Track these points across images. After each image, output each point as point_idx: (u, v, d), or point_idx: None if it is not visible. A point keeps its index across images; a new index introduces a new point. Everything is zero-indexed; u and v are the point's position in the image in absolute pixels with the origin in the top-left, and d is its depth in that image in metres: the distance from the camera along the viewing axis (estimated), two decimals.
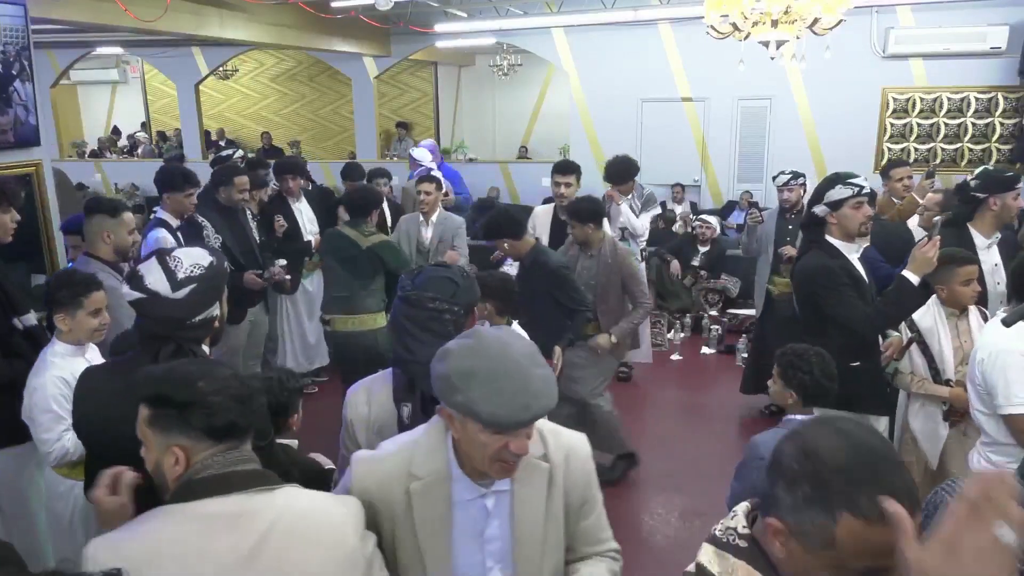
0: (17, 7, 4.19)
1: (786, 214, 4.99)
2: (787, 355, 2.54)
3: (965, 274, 3.02)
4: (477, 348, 1.41)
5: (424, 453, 1.53)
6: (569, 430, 1.67)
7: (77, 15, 6.16)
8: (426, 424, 1.60)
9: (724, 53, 6.94)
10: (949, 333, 3.10)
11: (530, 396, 1.37)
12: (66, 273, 2.72)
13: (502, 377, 1.37)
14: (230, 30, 7.83)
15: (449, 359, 1.41)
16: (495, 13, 9.70)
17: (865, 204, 2.97)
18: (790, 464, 1.07)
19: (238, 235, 4.61)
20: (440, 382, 1.42)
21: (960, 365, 3.06)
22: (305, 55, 13.41)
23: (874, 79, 8.80)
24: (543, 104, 14.37)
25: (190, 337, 1.81)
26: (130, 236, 3.39)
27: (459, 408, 1.39)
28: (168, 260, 1.77)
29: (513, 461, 1.44)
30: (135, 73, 15.34)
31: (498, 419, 1.36)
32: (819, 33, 4.95)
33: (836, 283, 2.94)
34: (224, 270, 1.90)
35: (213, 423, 1.34)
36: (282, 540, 1.32)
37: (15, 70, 4.17)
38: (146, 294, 1.73)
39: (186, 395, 1.34)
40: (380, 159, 11.42)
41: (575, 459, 1.62)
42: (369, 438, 1.94)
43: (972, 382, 2.56)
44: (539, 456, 1.56)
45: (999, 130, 8.63)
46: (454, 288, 1.89)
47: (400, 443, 1.59)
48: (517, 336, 1.50)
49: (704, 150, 9.82)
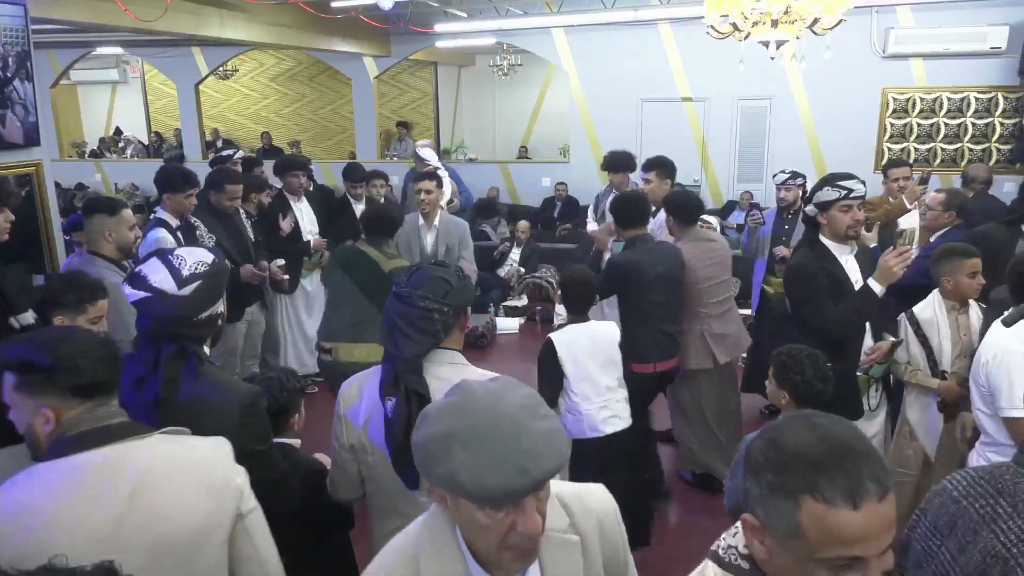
0: (17, 7, 4.19)
1: (784, 213, 5.01)
2: (781, 356, 2.55)
3: (971, 266, 3.05)
4: (461, 406, 1.15)
5: (430, 555, 1.23)
6: (591, 486, 1.42)
7: (77, 15, 6.16)
8: (425, 515, 1.30)
9: (724, 53, 6.94)
10: (949, 327, 3.12)
11: (526, 457, 1.09)
12: (73, 275, 2.69)
13: (489, 436, 1.09)
14: (230, 30, 7.83)
15: (426, 424, 1.15)
16: (495, 13, 9.70)
17: (854, 208, 2.95)
18: (756, 456, 1.07)
19: (233, 235, 4.61)
20: (419, 454, 1.15)
21: (958, 359, 3.08)
22: (305, 55, 13.40)
23: (874, 79, 8.80)
24: (543, 104, 14.37)
25: (195, 335, 1.83)
26: (131, 232, 3.39)
27: (443, 483, 1.12)
28: (171, 259, 1.79)
29: (527, 545, 1.16)
30: (135, 73, 15.33)
31: (488, 489, 1.08)
32: (819, 33, 4.95)
33: (810, 284, 2.95)
34: (226, 267, 1.93)
35: (79, 382, 1.41)
36: (158, 477, 1.41)
37: (15, 70, 4.17)
38: (152, 292, 1.75)
39: (51, 359, 1.41)
40: (380, 159, 11.42)
41: (608, 522, 1.37)
42: (358, 432, 1.96)
43: (976, 383, 2.57)
44: (563, 529, 1.30)
45: (999, 130, 8.63)
46: (447, 288, 1.87)
47: (396, 550, 1.29)
48: (515, 387, 1.21)
49: (704, 150, 9.82)
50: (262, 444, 1.86)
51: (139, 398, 1.76)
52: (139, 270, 1.80)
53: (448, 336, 1.91)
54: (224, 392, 1.84)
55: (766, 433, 1.09)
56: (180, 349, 1.80)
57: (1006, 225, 3.83)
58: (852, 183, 2.96)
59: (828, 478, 0.98)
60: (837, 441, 1.02)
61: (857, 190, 2.95)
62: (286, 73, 14.90)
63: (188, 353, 1.80)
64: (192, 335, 1.83)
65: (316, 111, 15.00)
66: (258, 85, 15.16)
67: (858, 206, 2.97)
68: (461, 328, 1.95)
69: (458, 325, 1.92)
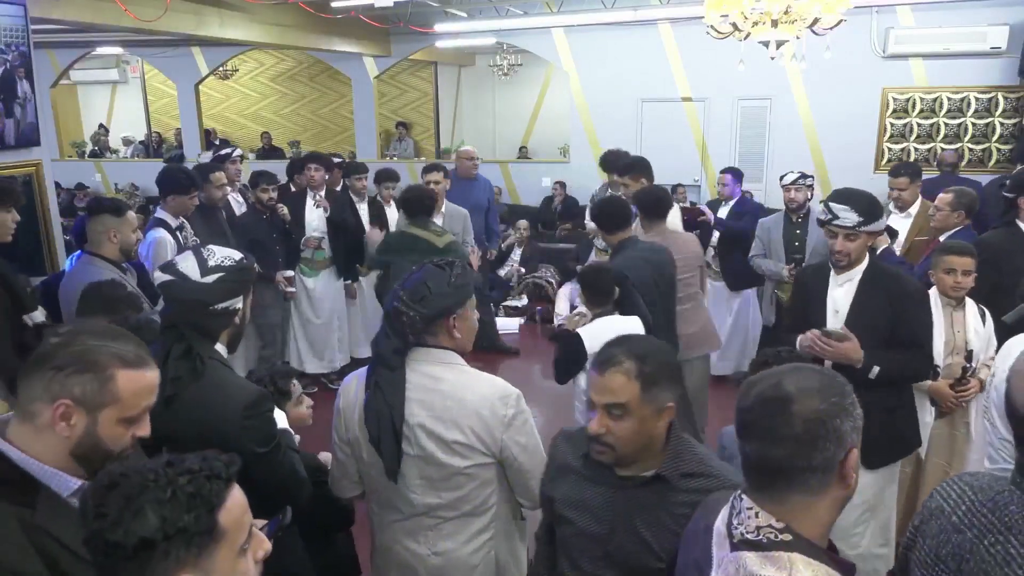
0: (17, 7, 4.19)
1: (794, 216, 4.83)
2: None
3: (948, 263, 3.12)
4: None
5: None
6: None
7: (77, 15, 6.16)
8: None
9: (724, 53, 6.93)
10: (943, 322, 3.15)
11: None
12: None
13: None
14: (230, 30, 7.83)
15: None
16: (495, 13, 9.69)
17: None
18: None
19: (215, 231, 4.59)
20: None
21: (949, 356, 3.10)
22: (305, 55, 13.40)
23: (874, 79, 8.79)
24: (543, 104, 14.36)
25: (210, 326, 1.88)
26: (134, 234, 3.40)
27: None
28: (203, 251, 1.91)
29: None
30: (135, 73, 15.33)
31: None
32: (819, 33, 4.95)
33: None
34: (251, 268, 2.00)
35: None
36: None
37: (15, 70, 4.17)
38: (176, 276, 1.84)
39: None
40: (380, 159, 11.41)
41: None
42: (354, 426, 2.00)
43: (996, 407, 2.49)
44: None
45: (999, 130, 8.63)
46: (424, 293, 1.91)
47: None
48: None
49: (704, 150, 9.81)
50: (264, 447, 1.85)
51: None
52: (172, 259, 1.92)
53: (432, 336, 1.95)
54: (227, 393, 1.85)
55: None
56: (187, 348, 1.82)
57: (1005, 227, 3.84)
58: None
59: None
60: None
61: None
62: (286, 73, 14.90)
63: (193, 356, 1.81)
64: (208, 325, 1.88)
65: (316, 111, 14.99)
66: (258, 85, 15.16)
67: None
68: (447, 329, 1.96)
69: (439, 326, 1.95)
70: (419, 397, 1.92)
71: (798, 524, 1.19)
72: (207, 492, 1.08)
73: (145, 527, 1.03)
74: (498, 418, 1.94)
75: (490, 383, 1.99)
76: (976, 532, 1.27)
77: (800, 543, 1.17)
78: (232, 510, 1.12)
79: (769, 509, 1.21)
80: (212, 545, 1.09)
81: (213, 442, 1.66)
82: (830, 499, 1.21)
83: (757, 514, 1.21)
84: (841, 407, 1.19)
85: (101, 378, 1.36)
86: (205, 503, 1.08)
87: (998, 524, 1.24)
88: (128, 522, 1.03)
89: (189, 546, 1.06)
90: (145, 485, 1.06)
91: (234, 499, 1.13)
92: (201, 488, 1.08)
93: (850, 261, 2.74)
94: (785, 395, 1.20)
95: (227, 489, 1.12)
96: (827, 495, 1.21)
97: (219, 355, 1.92)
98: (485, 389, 1.96)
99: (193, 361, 1.81)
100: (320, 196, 5.42)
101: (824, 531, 1.23)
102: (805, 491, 1.20)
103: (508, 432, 1.95)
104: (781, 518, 1.20)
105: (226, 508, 1.11)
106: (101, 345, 1.38)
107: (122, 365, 1.38)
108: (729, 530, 1.24)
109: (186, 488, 1.07)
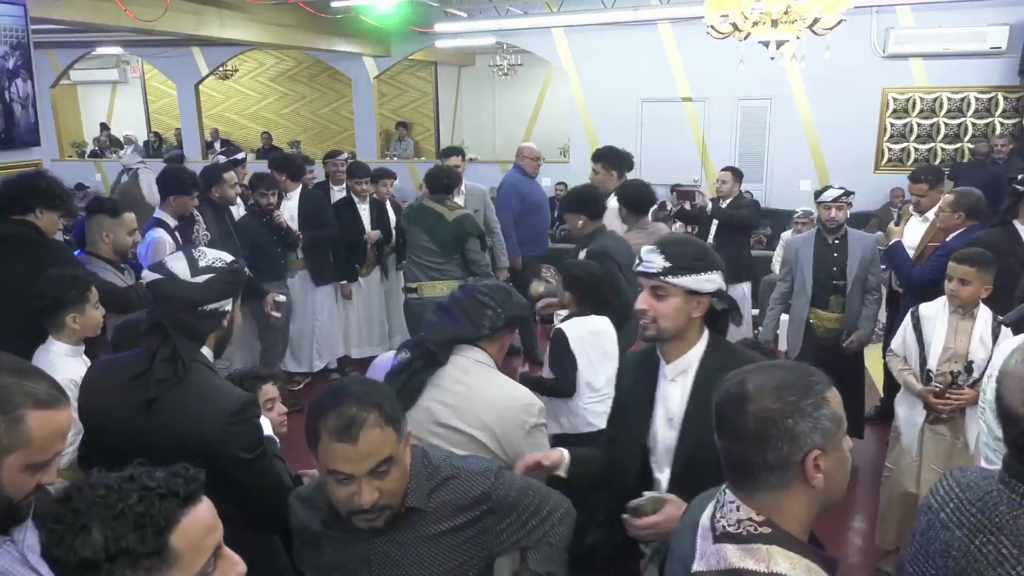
0: (17, 7, 4.20)
1: (829, 236, 4.17)
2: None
3: (948, 268, 3.12)
4: None
5: None
6: None
7: (77, 15, 6.16)
8: None
9: (724, 53, 6.94)
10: (946, 327, 3.15)
11: None
12: (65, 275, 2.72)
13: None
14: (230, 30, 7.83)
15: None
16: (495, 13, 9.69)
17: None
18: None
19: (224, 230, 4.59)
20: None
21: (946, 362, 3.10)
22: (305, 55, 13.40)
23: (874, 79, 8.80)
24: (543, 104, 14.36)
25: (197, 327, 1.83)
26: (130, 237, 3.39)
27: None
28: (194, 252, 1.89)
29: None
30: (135, 73, 15.33)
31: None
32: (819, 33, 4.95)
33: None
34: (242, 271, 1.95)
35: None
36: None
37: (15, 70, 4.17)
38: (166, 275, 1.81)
39: None
40: (380, 159, 11.41)
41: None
42: None
43: (991, 407, 2.51)
44: None
45: (999, 130, 8.63)
46: (506, 296, 2.09)
47: None
48: None
49: (704, 150, 9.81)
50: (249, 453, 1.79)
51: (132, 398, 1.76)
52: (163, 260, 1.89)
53: (491, 339, 2.07)
54: (212, 397, 1.80)
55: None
56: (172, 351, 1.79)
57: (1001, 226, 3.83)
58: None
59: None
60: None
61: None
62: (286, 73, 14.90)
63: (175, 358, 1.78)
64: (195, 326, 1.83)
65: (316, 111, 15.00)
66: (258, 85, 15.16)
67: None
68: (502, 342, 2.11)
69: (504, 333, 2.10)
70: (445, 387, 1.99)
71: (776, 518, 1.20)
72: (156, 512, 1.01)
73: (86, 546, 0.98)
74: (519, 423, 1.98)
75: (519, 389, 2.06)
76: (966, 531, 1.26)
77: (779, 536, 1.17)
78: (188, 531, 1.03)
79: (747, 503, 1.22)
80: (163, 567, 1.01)
81: (195, 447, 1.64)
82: (797, 498, 1.20)
83: (738, 508, 1.22)
84: (796, 407, 1.17)
85: (10, 419, 1.20)
86: (154, 524, 1.00)
87: (988, 524, 1.23)
88: (71, 539, 0.98)
89: (135, 568, 0.99)
90: (94, 501, 1.00)
91: (193, 520, 1.04)
92: (151, 508, 1.01)
93: (659, 330, 1.82)
94: (743, 392, 1.20)
95: (182, 509, 1.04)
96: (791, 494, 1.20)
97: (204, 358, 1.87)
98: (513, 393, 2.03)
99: (176, 363, 1.78)
100: (278, 212, 5.08)
101: (802, 527, 1.22)
102: (767, 487, 1.19)
103: (527, 440, 1.98)
104: (761, 512, 1.20)
105: (181, 529, 1.02)
106: (11, 383, 1.23)
107: (34, 405, 1.23)
108: (712, 523, 1.25)
109: (135, 507, 1.00)
